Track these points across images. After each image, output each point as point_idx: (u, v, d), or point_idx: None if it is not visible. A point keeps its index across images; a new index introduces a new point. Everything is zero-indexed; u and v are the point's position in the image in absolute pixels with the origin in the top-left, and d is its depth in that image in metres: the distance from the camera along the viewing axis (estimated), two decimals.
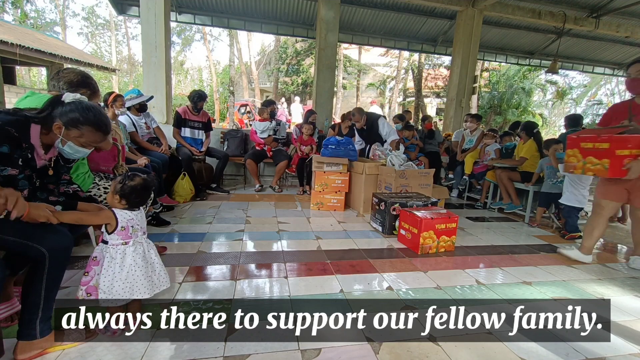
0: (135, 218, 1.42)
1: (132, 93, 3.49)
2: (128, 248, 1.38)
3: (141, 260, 1.39)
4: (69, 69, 1.84)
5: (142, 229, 1.46)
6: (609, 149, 2.17)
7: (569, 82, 18.64)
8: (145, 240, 1.47)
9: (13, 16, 17.24)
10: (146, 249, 1.44)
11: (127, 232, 1.38)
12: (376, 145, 4.24)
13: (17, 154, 1.23)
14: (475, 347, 1.45)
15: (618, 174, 2.18)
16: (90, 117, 1.33)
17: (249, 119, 13.79)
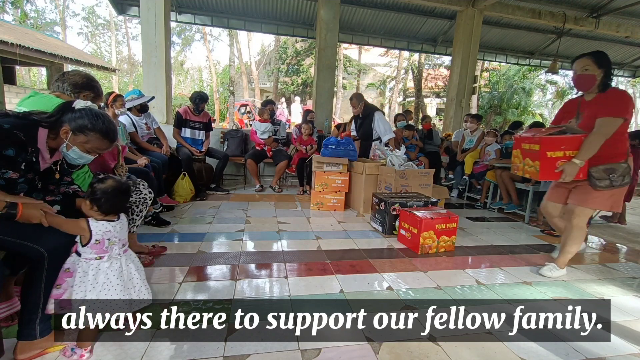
0: (112, 230, 1.28)
1: (133, 94, 3.49)
2: (102, 264, 1.24)
3: (116, 279, 1.26)
4: (74, 71, 1.85)
5: (121, 241, 1.33)
6: (540, 151, 2.06)
7: (569, 82, 18.62)
8: (125, 254, 1.34)
9: (13, 16, 17.25)
10: (124, 264, 1.30)
11: (102, 245, 1.25)
12: (376, 145, 4.24)
13: (21, 157, 1.24)
14: (475, 347, 1.45)
15: (549, 176, 2.08)
16: (99, 124, 1.34)
17: (249, 119, 13.80)
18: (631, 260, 2.74)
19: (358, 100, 4.22)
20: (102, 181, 1.29)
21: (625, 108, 1.95)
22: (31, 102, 1.64)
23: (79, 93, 1.78)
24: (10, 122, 1.23)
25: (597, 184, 2.01)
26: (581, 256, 2.77)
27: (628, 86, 20.59)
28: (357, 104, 4.21)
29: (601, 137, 1.95)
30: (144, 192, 2.01)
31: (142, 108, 3.54)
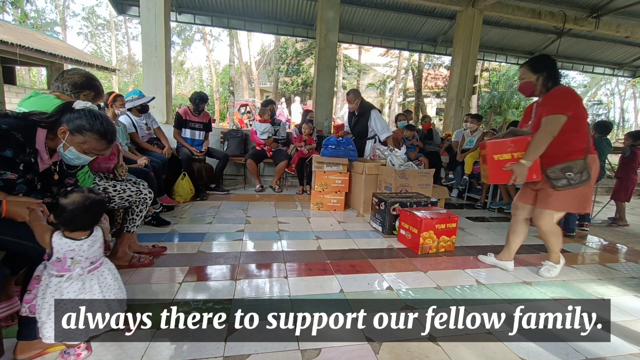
0: (77, 249, 1.16)
1: (133, 94, 3.48)
2: (62, 283, 1.14)
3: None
4: (73, 70, 1.82)
5: (90, 259, 1.20)
6: (487, 155, 2.12)
7: (569, 82, 18.64)
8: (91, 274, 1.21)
9: (13, 16, 17.24)
10: (89, 287, 1.19)
11: (64, 264, 1.15)
12: (376, 145, 4.24)
13: (19, 158, 1.24)
14: (475, 347, 1.45)
15: (499, 179, 2.10)
16: (97, 125, 1.32)
17: (249, 119, 13.80)
18: (631, 260, 2.74)
19: (355, 96, 4.14)
20: (66, 195, 1.17)
21: (564, 104, 1.91)
22: (31, 103, 1.64)
23: (79, 93, 1.76)
24: (8, 122, 1.22)
25: (555, 184, 1.99)
26: (581, 256, 2.78)
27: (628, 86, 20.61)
28: (353, 99, 4.13)
29: (546, 136, 1.93)
30: (144, 192, 2.01)
31: (143, 108, 3.54)
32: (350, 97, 4.14)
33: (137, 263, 2.01)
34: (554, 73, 2.03)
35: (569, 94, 1.97)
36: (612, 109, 20.89)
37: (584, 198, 2.02)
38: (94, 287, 1.21)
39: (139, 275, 1.92)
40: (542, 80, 2.04)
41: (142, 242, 2.26)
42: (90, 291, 1.19)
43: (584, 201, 2.02)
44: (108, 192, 1.88)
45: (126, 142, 3.10)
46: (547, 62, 2.06)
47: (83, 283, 1.18)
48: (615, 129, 20.17)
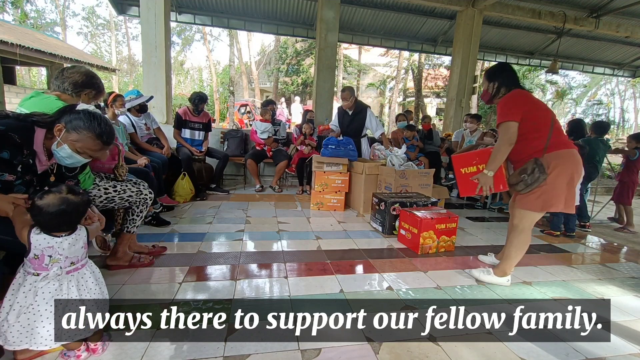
0: (56, 247, 1.11)
1: (131, 94, 3.48)
2: (38, 282, 1.09)
3: (46, 303, 1.09)
4: (73, 68, 1.78)
5: (70, 259, 1.15)
6: (455, 169, 2.22)
7: (569, 82, 18.66)
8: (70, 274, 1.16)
9: (13, 16, 17.24)
10: (66, 288, 1.13)
11: (42, 261, 1.10)
12: (376, 145, 4.24)
13: (17, 159, 1.23)
14: (475, 347, 1.45)
15: (469, 191, 2.15)
16: (94, 124, 1.31)
17: (249, 119, 13.80)
18: (631, 260, 2.74)
19: (350, 93, 4.06)
20: (41, 196, 1.11)
21: (507, 111, 1.92)
22: (32, 103, 1.64)
23: (80, 92, 1.75)
24: (5, 123, 1.22)
25: (516, 189, 1.95)
26: (581, 256, 2.78)
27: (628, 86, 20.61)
28: (349, 96, 4.04)
29: (502, 145, 1.93)
30: (144, 192, 2.01)
31: (141, 108, 3.53)
32: (346, 95, 4.06)
33: (137, 263, 2.01)
34: (507, 80, 2.05)
35: (512, 100, 1.96)
36: (612, 109, 20.89)
37: (548, 197, 1.88)
38: (72, 290, 1.14)
39: (139, 275, 1.92)
40: (495, 88, 2.07)
41: (142, 242, 2.26)
42: (68, 294, 1.13)
43: (546, 200, 1.88)
44: (108, 192, 1.88)
45: (126, 142, 3.10)
46: (500, 70, 2.09)
47: (60, 284, 1.12)
48: (615, 129, 20.18)
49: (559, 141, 1.91)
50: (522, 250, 2.03)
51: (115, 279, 1.85)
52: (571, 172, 1.87)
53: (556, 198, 1.87)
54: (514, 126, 1.90)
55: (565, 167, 1.86)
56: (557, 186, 1.86)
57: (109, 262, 1.96)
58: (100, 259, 2.06)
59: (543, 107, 2.01)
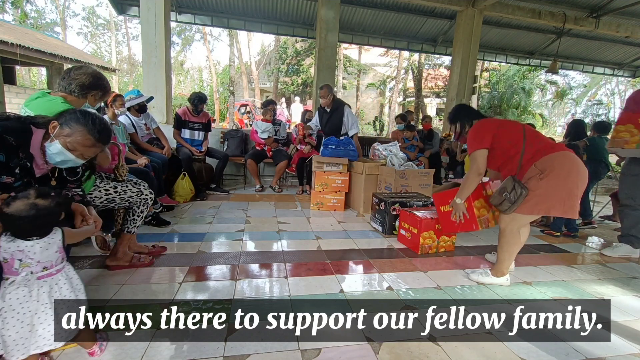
0: (27, 250, 1.06)
1: (131, 94, 3.48)
2: (7, 287, 1.05)
3: (13, 310, 1.03)
4: (80, 69, 1.75)
5: (43, 263, 1.09)
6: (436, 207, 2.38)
7: (569, 82, 18.65)
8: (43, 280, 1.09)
9: (13, 16, 17.24)
10: (36, 294, 1.07)
11: (11, 266, 1.05)
12: (376, 145, 4.24)
13: (13, 162, 1.21)
14: (475, 347, 1.45)
15: (451, 229, 2.28)
16: (88, 121, 1.27)
17: (249, 119, 13.80)
18: (631, 260, 2.74)
19: (328, 91, 4.01)
20: (8, 203, 1.06)
21: (473, 142, 2.02)
22: (38, 104, 1.62)
23: (86, 93, 1.73)
24: (2, 125, 1.20)
25: (502, 209, 1.94)
26: (581, 256, 2.78)
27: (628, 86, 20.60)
28: (327, 94, 3.99)
29: (471, 174, 2.04)
30: (144, 192, 2.01)
31: (141, 108, 3.52)
32: (324, 92, 4.01)
33: (137, 263, 2.01)
34: (466, 117, 2.19)
35: (476, 131, 2.05)
36: (612, 109, 20.87)
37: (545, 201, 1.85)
38: (42, 296, 1.07)
39: (139, 275, 1.92)
40: (460, 127, 2.21)
41: (142, 242, 2.26)
42: (38, 300, 1.07)
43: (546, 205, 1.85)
44: (109, 193, 1.88)
45: (126, 142, 3.10)
46: (458, 111, 2.24)
47: (30, 290, 1.06)
48: None
49: (543, 147, 1.91)
50: (514, 251, 2.03)
51: (115, 279, 1.85)
52: (567, 174, 1.82)
53: (554, 202, 1.84)
54: (482, 154, 2.00)
55: (560, 170, 1.82)
56: (553, 190, 1.83)
57: (109, 263, 1.96)
58: (100, 259, 2.07)
59: (511, 124, 2.07)
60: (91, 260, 2.06)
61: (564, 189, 1.83)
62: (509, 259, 2.03)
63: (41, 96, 1.66)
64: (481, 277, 2.09)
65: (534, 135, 2.00)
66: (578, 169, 1.85)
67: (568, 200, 1.83)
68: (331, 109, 4.10)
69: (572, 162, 1.85)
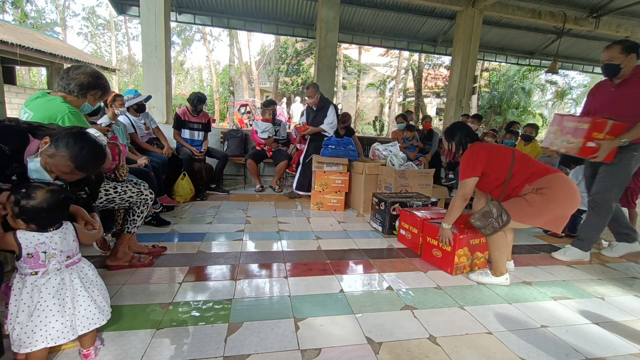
0: (48, 242, 1.11)
1: (129, 93, 3.47)
2: (39, 280, 1.09)
3: (52, 298, 1.09)
4: (79, 68, 1.74)
5: (66, 253, 1.15)
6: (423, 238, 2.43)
7: (569, 82, 18.65)
8: (70, 268, 1.17)
9: (13, 16, 17.24)
10: (68, 280, 1.14)
11: (37, 259, 1.09)
12: (376, 145, 4.24)
13: (8, 170, 1.20)
14: (475, 347, 1.45)
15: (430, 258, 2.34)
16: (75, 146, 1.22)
17: (249, 119, 13.80)
18: (631, 260, 2.74)
19: (315, 90, 3.95)
20: (29, 196, 1.08)
21: (465, 169, 2.05)
22: (38, 105, 1.62)
23: (86, 93, 1.73)
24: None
25: (484, 233, 1.98)
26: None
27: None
28: (314, 93, 3.93)
29: (457, 199, 2.09)
30: (144, 192, 2.01)
31: (139, 108, 3.50)
32: (311, 92, 3.95)
33: (137, 263, 2.01)
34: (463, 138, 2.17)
35: (469, 158, 2.07)
36: None
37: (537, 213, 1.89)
38: (75, 282, 1.16)
39: (139, 275, 1.92)
40: (455, 147, 2.21)
41: (142, 242, 2.26)
42: (72, 286, 1.14)
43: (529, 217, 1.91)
44: (109, 193, 1.88)
45: (126, 142, 3.10)
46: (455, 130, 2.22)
47: (62, 278, 1.13)
48: None
49: (538, 170, 1.96)
50: (503, 249, 2.04)
51: (115, 279, 1.85)
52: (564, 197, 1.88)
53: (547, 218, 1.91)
54: (473, 182, 2.06)
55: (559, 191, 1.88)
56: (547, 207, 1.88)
57: (109, 263, 1.96)
58: (100, 259, 2.07)
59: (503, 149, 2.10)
60: (91, 260, 2.03)
61: (559, 209, 1.89)
62: (501, 258, 2.06)
63: (41, 96, 1.66)
64: (481, 277, 2.09)
65: (526, 159, 2.04)
66: (574, 194, 1.92)
67: (559, 220, 1.93)
68: (317, 107, 4.05)
69: (570, 186, 1.92)
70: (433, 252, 2.31)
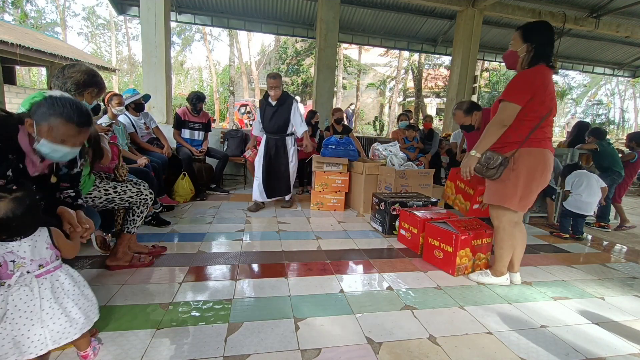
0: (16, 250, 1.05)
1: (128, 93, 3.46)
2: (7, 290, 1.04)
3: (18, 310, 1.04)
4: (73, 67, 1.72)
5: (37, 262, 1.09)
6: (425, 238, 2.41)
7: (569, 82, 18.65)
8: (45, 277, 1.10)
9: (13, 16, 17.24)
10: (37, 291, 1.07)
11: (5, 269, 1.04)
12: (376, 145, 4.24)
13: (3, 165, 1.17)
14: (475, 347, 1.45)
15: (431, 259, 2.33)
16: (58, 108, 1.20)
17: (249, 119, 13.80)
18: (631, 260, 2.74)
19: (280, 81, 3.41)
20: None
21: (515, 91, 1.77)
22: None
23: (82, 91, 1.71)
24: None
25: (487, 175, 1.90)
26: (581, 256, 2.78)
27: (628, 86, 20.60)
28: (279, 84, 3.39)
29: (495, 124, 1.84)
30: (144, 192, 2.01)
31: (138, 107, 3.48)
32: (277, 82, 3.37)
33: (137, 263, 2.01)
34: (541, 49, 1.76)
35: (528, 79, 1.75)
36: (612, 109, 20.87)
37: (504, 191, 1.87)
38: (45, 292, 1.08)
39: (139, 276, 1.92)
40: (526, 54, 1.80)
41: (142, 242, 2.26)
42: (40, 297, 1.07)
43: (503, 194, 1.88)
44: (109, 193, 1.88)
45: (126, 142, 3.10)
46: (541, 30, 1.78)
47: (31, 289, 1.06)
48: (615, 129, 20.17)
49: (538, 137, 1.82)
50: (508, 248, 2.01)
51: (115, 279, 1.85)
52: (533, 173, 1.83)
53: (510, 195, 1.87)
54: (514, 109, 1.75)
55: (531, 167, 1.82)
56: (514, 183, 1.85)
57: (109, 263, 1.96)
58: (100, 259, 2.07)
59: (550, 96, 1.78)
60: (91, 260, 2.06)
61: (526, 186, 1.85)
62: (505, 256, 2.02)
63: (38, 97, 1.66)
64: (481, 277, 2.09)
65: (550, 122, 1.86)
66: (545, 169, 1.84)
67: (524, 199, 1.88)
68: (277, 102, 3.45)
69: (545, 162, 1.83)
70: (435, 253, 2.29)
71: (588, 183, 3.16)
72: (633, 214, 4.53)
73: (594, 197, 3.16)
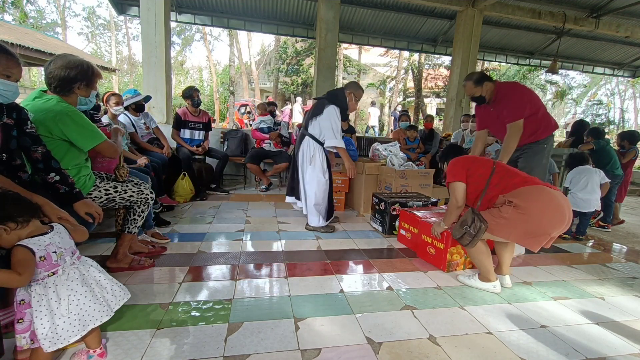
0: (52, 242, 1.12)
1: (128, 93, 3.46)
2: (59, 278, 1.11)
3: (81, 286, 1.15)
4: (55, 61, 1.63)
5: (69, 249, 1.19)
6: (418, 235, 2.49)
7: (569, 82, 18.66)
8: (79, 261, 1.21)
9: (13, 16, 17.23)
10: (83, 270, 1.19)
11: (50, 260, 1.10)
12: (376, 144, 4.24)
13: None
14: (475, 347, 1.45)
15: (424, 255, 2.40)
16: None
17: (249, 119, 13.79)
18: (631, 260, 2.74)
19: None
20: None
21: (449, 175, 2.05)
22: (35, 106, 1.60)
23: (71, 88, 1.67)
24: None
25: (463, 242, 1.91)
26: (581, 256, 2.78)
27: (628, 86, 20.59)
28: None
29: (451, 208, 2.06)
30: (145, 192, 2.01)
31: (138, 107, 3.48)
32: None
33: (137, 266, 1.99)
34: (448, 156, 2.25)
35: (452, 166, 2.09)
36: (612, 109, 20.87)
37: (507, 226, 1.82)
38: (91, 270, 1.22)
39: (139, 276, 1.92)
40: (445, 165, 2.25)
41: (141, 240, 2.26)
42: (90, 273, 1.21)
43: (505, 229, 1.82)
44: (109, 193, 1.87)
45: (126, 142, 3.10)
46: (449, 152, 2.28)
47: (80, 271, 1.18)
48: (615, 128, 20.17)
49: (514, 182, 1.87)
50: (478, 255, 1.95)
51: (115, 279, 1.85)
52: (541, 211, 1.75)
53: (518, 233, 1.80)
54: (459, 187, 1.98)
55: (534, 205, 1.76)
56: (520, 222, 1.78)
57: (109, 264, 1.95)
58: (100, 259, 2.07)
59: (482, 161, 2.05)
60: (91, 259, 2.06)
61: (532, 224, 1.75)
62: (486, 264, 1.96)
63: (38, 96, 1.65)
64: (467, 279, 2.05)
65: (506, 170, 1.96)
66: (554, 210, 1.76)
67: (535, 237, 1.78)
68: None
69: (550, 201, 1.76)
70: (427, 250, 2.35)
71: (588, 180, 3.14)
72: (633, 214, 4.54)
73: (592, 195, 3.13)
